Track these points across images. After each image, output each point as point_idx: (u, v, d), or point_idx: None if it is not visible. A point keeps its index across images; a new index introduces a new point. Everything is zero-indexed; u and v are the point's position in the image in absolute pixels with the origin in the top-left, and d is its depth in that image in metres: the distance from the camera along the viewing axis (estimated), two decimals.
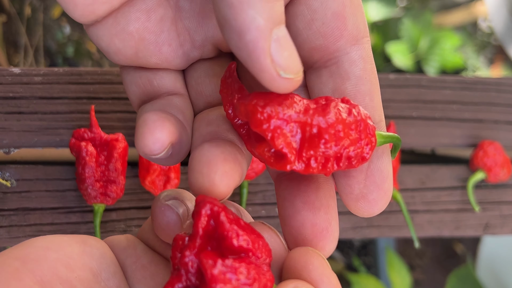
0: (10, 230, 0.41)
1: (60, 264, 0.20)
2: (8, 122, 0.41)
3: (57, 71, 0.41)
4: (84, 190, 0.39)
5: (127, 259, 0.23)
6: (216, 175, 0.20)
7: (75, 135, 0.39)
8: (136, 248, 0.24)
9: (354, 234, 0.46)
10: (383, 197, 0.23)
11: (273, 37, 0.18)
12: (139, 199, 0.43)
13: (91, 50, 1.34)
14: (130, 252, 0.24)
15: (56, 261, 0.20)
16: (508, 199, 0.50)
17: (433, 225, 0.48)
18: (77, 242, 0.21)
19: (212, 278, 0.17)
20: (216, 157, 0.20)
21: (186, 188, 0.44)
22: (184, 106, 0.25)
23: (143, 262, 0.23)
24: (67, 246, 0.21)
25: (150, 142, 0.21)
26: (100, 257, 0.22)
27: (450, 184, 0.49)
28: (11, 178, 0.41)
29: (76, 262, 0.20)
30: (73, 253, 0.21)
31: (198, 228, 0.19)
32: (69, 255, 0.20)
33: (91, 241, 0.22)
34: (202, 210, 0.19)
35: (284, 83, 0.18)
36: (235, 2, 0.17)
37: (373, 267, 1.29)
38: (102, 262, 0.22)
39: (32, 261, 0.19)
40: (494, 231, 0.49)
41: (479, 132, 0.49)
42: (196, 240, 0.19)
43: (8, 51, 1.23)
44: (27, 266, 0.19)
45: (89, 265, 0.21)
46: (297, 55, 0.19)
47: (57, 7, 1.29)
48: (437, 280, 1.42)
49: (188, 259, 0.19)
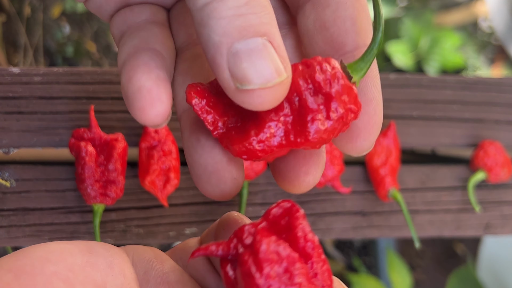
0: (10, 230, 0.41)
1: (58, 278, 0.18)
2: (7, 122, 0.41)
3: (57, 71, 0.41)
4: (84, 190, 0.39)
5: (151, 271, 0.22)
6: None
7: (74, 135, 0.39)
8: (164, 263, 0.23)
9: (355, 234, 0.46)
10: (370, 120, 0.22)
11: (232, 51, 0.18)
12: (138, 199, 0.43)
13: (90, 50, 1.34)
14: (155, 265, 0.23)
15: (53, 275, 0.18)
16: (509, 199, 0.50)
17: (434, 225, 0.48)
18: (80, 251, 0.20)
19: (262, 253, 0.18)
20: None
21: (186, 188, 0.44)
22: (165, 38, 0.24)
23: (169, 278, 0.23)
24: (68, 256, 0.19)
25: (152, 115, 0.20)
26: (106, 267, 0.20)
27: (451, 184, 0.49)
28: (11, 178, 0.41)
29: (77, 275, 0.19)
30: (74, 265, 0.19)
31: (270, 214, 0.19)
32: (70, 267, 0.19)
33: (98, 249, 0.21)
34: (282, 203, 0.19)
35: (244, 97, 0.18)
36: (200, 21, 0.18)
37: (373, 267, 1.29)
38: (108, 274, 0.20)
39: (26, 275, 0.17)
40: (495, 231, 0.49)
41: (480, 132, 0.49)
42: (262, 222, 0.19)
43: (7, 51, 1.23)
44: (20, 281, 0.17)
45: (92, 277, 0.19)
46: (266, 64, 0.18)
47: (57, 7, 1.29)
48: (438, 280, 1.42)
49: (246, 233, 0.19)
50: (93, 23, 1.44)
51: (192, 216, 0.44)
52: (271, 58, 0.18)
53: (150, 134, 0.41)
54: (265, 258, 0.18)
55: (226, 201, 0.44)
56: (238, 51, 0.18)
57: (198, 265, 0.24)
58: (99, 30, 1.46)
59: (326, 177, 0.41)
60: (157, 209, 0.43)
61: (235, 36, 0.18)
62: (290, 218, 0.19)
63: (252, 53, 0.18)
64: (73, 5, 1.32)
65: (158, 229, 0.43)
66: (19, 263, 0.18)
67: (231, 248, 0.19)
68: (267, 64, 0.18)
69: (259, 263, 0.18)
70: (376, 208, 0.47)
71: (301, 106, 0.20)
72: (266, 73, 0.18)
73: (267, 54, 0.18)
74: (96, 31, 1.45)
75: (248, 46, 0.18)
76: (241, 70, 0.18)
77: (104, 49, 1.46)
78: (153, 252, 0.23)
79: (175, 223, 0.43)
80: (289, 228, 0.19)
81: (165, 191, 0.41)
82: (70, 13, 1.37)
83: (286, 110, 0.20)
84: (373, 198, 0.47)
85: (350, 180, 0.46)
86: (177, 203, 0.43)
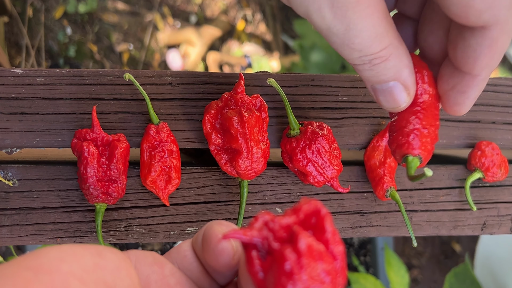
0: (13, 229, 0.41)
1: (73, 277, 0.19)
2: (10, 123, 0.41)
3: (59, 72, 0.42)
4: (86, 190, 0.39)
5: (153, 274, 0.24)
6: None
7: (77, 136, 0.40)
8: (164, 267, 0.25)
9: (353, 233, 0.47)
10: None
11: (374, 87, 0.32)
12: (140, 199, 0.43)
13: (92, 51, 1.35)
14: (156, 269, 0.24)
15: (69, 274, 0.19)
16: (505, 198, 0.50)
17: (431, 224, 0.48)
18: (91, 254, 0.21)
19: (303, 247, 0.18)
20: None
21: (188, 188, 0.44)
22: None
23: (169, 281, 0.24)
24: (81, 258, 0.20)
25: None
26: (114, 270, 0.21)
27: (448, 184, 0.49)
28: (14, 178, 0.42)
29: (90, 275, 0.20)
30: (87, 266, 0.20)
31: (301, 210, 0.20)
32: (83, 268, 0.20)
33: (106, 253, 0.22)
34: (312, 202, 0.20)
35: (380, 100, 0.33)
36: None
37: (371, 266, 1.29)
38: (117, 276, 0.21)
39: (45, 273, 0.19)
40: (492, 231, 0.50)
41: (477, 133, 0.49)
42: (294, 217, 0.20)
43: (9, 52, 1.23)
44: (39, 278, 0.18)
45: (103, 278, 0.20)
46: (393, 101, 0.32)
47: (59, 8, 1.30)
48: (435, 279, 1.43)
49: (278, 226, 0.20)
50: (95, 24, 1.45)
51: (193, 215, 0.44)
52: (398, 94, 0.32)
53: (152, 134, 0.41)
54: (307, 257, 0.18)
55: (227, 201, 0.45)
56: (376, 89, 0.32)
57: (193, 267, 0.26)
58: (101, 31, 1.46)
59: (325, 177, 0.42)
60: (159, 208, 0.43)
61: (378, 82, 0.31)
62: (318, 218, 0.20)
63: (384, 92, 0.32)
64: (75, 7, 1.33)
65: (160, 228, 0.43)
66: (37, 262, 0.19)
67: (262, 237, 0.20)
68: (393, 99, 0.32)
69: (300, 263, 0.18)
70: (375, 207, 0.47)
71: None
72: (393, 104, 0.32)
73: (395, 92, 0.31)
74: (98, 32, 1.45)
75: (382, 87, 0.31)
76: (378, 100, 0.32)
77: (105, 50, 1.46)
78: (153, 257, 0.25)
79: (176, 222, 0.44)
80: (318, 228, 0.20)
81: (166, 191, 0.41)
82: (72, 14, 1.37)
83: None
84: (372, 198, 0.47)
85: (349, 180, 0.47)
86: (178, 203, 0.44)
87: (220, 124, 0.41)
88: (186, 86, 0.43)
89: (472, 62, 0.30)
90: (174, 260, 0.26)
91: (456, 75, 0.31)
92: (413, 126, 0.32)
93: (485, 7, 0.26)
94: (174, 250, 0.26)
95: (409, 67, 0.30)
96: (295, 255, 0.19)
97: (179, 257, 0.26)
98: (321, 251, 0.19)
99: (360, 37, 0.28)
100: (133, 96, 0.43)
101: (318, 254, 0.19)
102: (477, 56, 0.29)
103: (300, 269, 0.18)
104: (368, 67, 0.30)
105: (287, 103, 0.41)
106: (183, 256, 0.26)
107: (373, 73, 0.30)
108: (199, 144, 0.44)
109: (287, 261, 0.18)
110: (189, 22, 1.84)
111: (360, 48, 0.28)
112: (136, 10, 1.69)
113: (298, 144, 0.41)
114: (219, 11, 1.88)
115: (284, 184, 0.45)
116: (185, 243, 0.27)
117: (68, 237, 0.42)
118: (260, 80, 0.45)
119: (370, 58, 0.29)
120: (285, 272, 0.18)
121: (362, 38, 0.28)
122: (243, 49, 1.84)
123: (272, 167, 0.45)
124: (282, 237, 0.20)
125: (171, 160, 0.41)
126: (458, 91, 0.32)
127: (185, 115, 0.43)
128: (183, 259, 0.26)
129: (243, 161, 0.40)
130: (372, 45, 0.28)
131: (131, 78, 0.40)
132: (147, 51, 1.68)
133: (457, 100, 0.32)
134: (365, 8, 0.27)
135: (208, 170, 0.44)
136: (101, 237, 0.40)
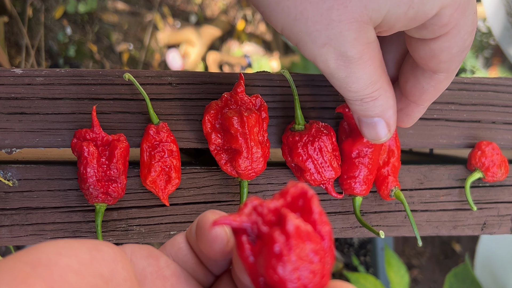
0: (12, 229, 0.41)
1: (71, 270, 0.20)
2: (10, 123, 0.41)
3: (59, 72, 0.42)
4: (86, 190, 0.39)
5: (148, 267, 0.25)
6: None
7: (76, 135, 0.40)
8: (159, 259, 0.25)
9: (353, 233, 0.47)
10: None
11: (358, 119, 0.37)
12: (140, 199, 0.43)
13: (92, 51, 1.35)
14: (151, 262, 0.25)
15: (67, 267, 0.19)
16: (506, 198, 0.50)
17: (431, 224, 0.48)
18: (88, 248, 0.21)
19: (291, 229, 0.19)
20: None
21: (187, 188, 0.44)
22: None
23: (164, 273, 0.25)
24: (78, 252, 0.21)
25: None
26: (111, 263, 0.22)
27: (448, 184, 0.49)
28: (13, 178, 0.42)
29: (87, 268, 0.20)
30: (84, 259, 0.21)
31: (288, 193, 0.20)
32: (80, 261, 0.20)
33: (102, 247, 0.22)
34: (299, 185, 0.21)
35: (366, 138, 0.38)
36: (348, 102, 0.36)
37: (371, 266, 1.29)
38: (113, 269, 0.22)
39: (43, 267, 0.19)
40: (492, 231, 0.50)
41: (477, 133, 0.49)
42: (282, 200, 0.20)
43: (9, 52, 1.23)
44: (38, 272, 0.19)
45: (100, 271, 0.21)
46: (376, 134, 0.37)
47: (59, 8, 1.30)
48: (435, 279, 1.43)
49: (266, 210, 0.20)
50: (95, 24, 1.45)
51: (193, 215, 0.44)
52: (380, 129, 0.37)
53: (152, 134, 0.41)
54: (296, 238, 0.19)
55: (227, 201, 0.44)
56: (361, 121, 0.37)
57: (187, 259, 0.26)
58: (101, 31, 1.46)
59: (322, 177, 0.42)
60: (159, 208, 0.43)
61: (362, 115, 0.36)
62: (305, 200, 0.20)
63: (369, 125, 0.37)
64: (74, 7, 1.33)
65: (160, 228, 0.43)
66: (35, 256, 0.19)
67: (251, 222, 0.20)
68: (376, 133, 0.37)
69: (289, 244, 0.19)
70: (375, 207, 0.47)
71: None
72: (374, 136, 0.37)
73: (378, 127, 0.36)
74: (98, 32, 1.45)
75: (367, 120, 0.36)
76: (362, 130, 0.37)
77: (105, 50, 1.46)
78: (148, 250, 0.25)
79: (176, 222, 0.44)
80: (306, 209, 0.20)
81: (166, 191, 0.41)
82: (71, 14, 1.37)
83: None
84: (372, 198, 0.47)
85: None
86: (178, 203, 0.44)
87: (220, 124, 0.41)
88: (186, 86, 0.43)
89: (419, 95, 0.37)
90: (168, 253, 0.27)
91: (403, 101, 0.38)
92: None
93: (446, 60, 0.33)
94: (168, 243, 0.27)
95: (393, 108, 0.36)
96: (283, 237, 0.19)
97: (173, 249, 0.27)
98: (308, 232, 0.19)
99: (357, 83, 0.32)
100: (133, 96, 0.43)
101: (306, 234, 0.19)
102: (424, 92, 0.36)
103: (289, 250, 0.19)
104: (359, 103, 0.35)
105: (296, 97, 0.41)
106: (177, 248, 0.27)
107: (362, 108, 0.35)
108: (199, 144, 0.44)
109: (276, 243, 0.19)
110: (189, 22, 1.84)
111: (356, 90, 0.33)
112: (136, 10, 1.69)
113: (301, 139, 0.41)
114: (219, 11, 1.88)
115: (284, 184, 0.45)
116: (179, 235, 0.27)
117: (68, 237, 0.42)
118: (260, 80, 0.45)
119: (362, 97, 0.34)
120: (275, 254, 0.19)
121: (359, 84, 0.33)
122: (243, 49, 1.84)
123: (272, 167, 0.45)
124: (271, 220, 0.20)
125: (171, 160, 0.41)
126: (404, 113, 0.39)
127: (185, 115, 0.43)
128: (177, 251, 0.27)
129: (243, 161, 0.40)
130: (366, 89, 0.33)
131: (131, 78, 0.40)
132: (147, 51, 1.68)
133: (403, 119, 0.40)
134: (365, 61, 0.31)
135: (208, 170, 0.44)
136: (101, 237, 0.40)
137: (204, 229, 0.25)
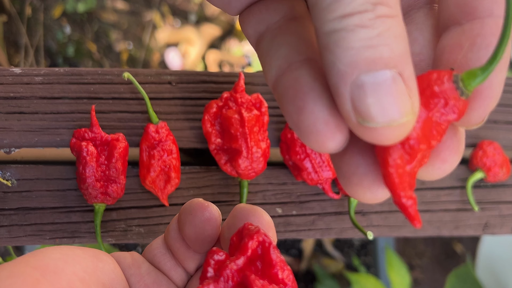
0: (11, 229, 0.41)
1: (77, 278, 0.20)
2: (8, 122, 0.41)
3: (58, 71, 0.42)
4: (85, 190, 0.39)
5: (131, 277, 0.25)
6: None
7: (75, 135, 0.40)
8: (140, 267, 0.26)
9: (354, 233, 0.47)
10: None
11: (357, 83, 0.16)
12: (139, 199, 0.43)
13: (91, 50, 1.35)
14: (134, 271, 0.25)
15: (73, 275, 0.20)
16: (507, 198, 0.50)
17: (433, 224, 0.48)
18: (90, 257, 0.22)
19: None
20: None
21: (187, 188, 0.44)
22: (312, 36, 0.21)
23: (146, 281, 0.25)
24: (82, 260, 0.21)
25: (332, 147, 0.18)
26: (111, 272, 0.23)
27: (450, 184, 0.49)
28: (12, 177, 0.41)
29: (91, 277, 0.21)
30: (88, 268, 0.21)
31: (248, 248, 0.22)
32: (85, 270, 0.21)
33: (102, 256, 0.23)
34: (255, 236, 0.22)
35: (365, 132, 0.17)
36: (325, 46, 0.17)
37: (372, 266, 1.29)
38: (113, 278, 0.23)
39: (52, 273, 0.20)
40: (494, 231, 0.49)
41: (478, 132, 0.49)
42: (243, 258, 0.22)
43: (8, 51, 1.23)
44: (47, 278, 0.19)
45: (102, 280, 0.22)
46: (393, 102, 0.17)
47: (58, 7, 1.30)
48: (437, 279, 1.43)
49: (230, 272, 0.21)
50: (94, 24, 1.45)
51: None
52: (399, 95, 0.17)
53: (151, 134, 0.41)
54: None
55: (227, 201, 0.44)
56: (364, 84, 0.16)
57: (166, 261, 0.27)
58: (100, 30, 1.46)
59: (319, 176, 0.41)
60: (158, 209, 0.43)
61: (362, 68, 0.16)
62: (264, 250, 0.22)
63: (379, 88, 0.16)
64: (73, 6, 1.33)
65: (159, 229, 0.43)
66: (43, 262, 0.20)
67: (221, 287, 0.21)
68: (394, 102, 0.17)
69: None
70: (375, 207, 0.47)
71: None
72: (391, 113, 0.17)
73: (396, 90, 0.17)
74: (97, 31, 1.45)
75: (375, 79, 0.16)
76: (365, 105, 0.16)
77: (104, 49, 1.46)
78: (131, 258, 0.26)
79: None
80: (266, 259, 0.22)
81: (165, 191, 0.41)
82: (71, 14, 1.37)
83: None
84: None
85: None
86: (178, 203, 0.43)
87: (220, 123, 0.41)
88: (186, 85, 0.43)
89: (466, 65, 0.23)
90: (148, 256, 0.27)
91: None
92: None
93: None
94: (148, 248, 0.28)
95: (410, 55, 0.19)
96: None
97: (152, 252, 0.27)
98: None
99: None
100: (132, 96, 0.42)
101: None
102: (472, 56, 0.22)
103: None
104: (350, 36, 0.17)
105: None
106: (155, 248, 0.27)
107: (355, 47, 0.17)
108: (199, 143, 0.43)
109: None
110: (188, 21, 1.84)
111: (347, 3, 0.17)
112: (136, 9, 1.69)
113: None
114: (219, 10, 1.88)
115: (284, 184, 0.45)
116: (158, 238, 0.28)
117: (66, 238, 0.42)
118: (260, 79, 0.44)
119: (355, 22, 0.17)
120: None
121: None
122: (243, 48, 1.84)
123: (272, 167, 0.45)
124: (237, 281, 0.21)
125: (170, 160, 0.41)
126: None
127: (184, 115, 0.43)
128: (155, 254, 0.27)
129: (243, 161, 0.39)
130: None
131: (130, 77, 0.39)
132: (146, 50, 1.68)
133: None
134: None
135: (208, 170, 0.44)
136: (100, 238, 0.40)
137: (196, 212, 0.25)
